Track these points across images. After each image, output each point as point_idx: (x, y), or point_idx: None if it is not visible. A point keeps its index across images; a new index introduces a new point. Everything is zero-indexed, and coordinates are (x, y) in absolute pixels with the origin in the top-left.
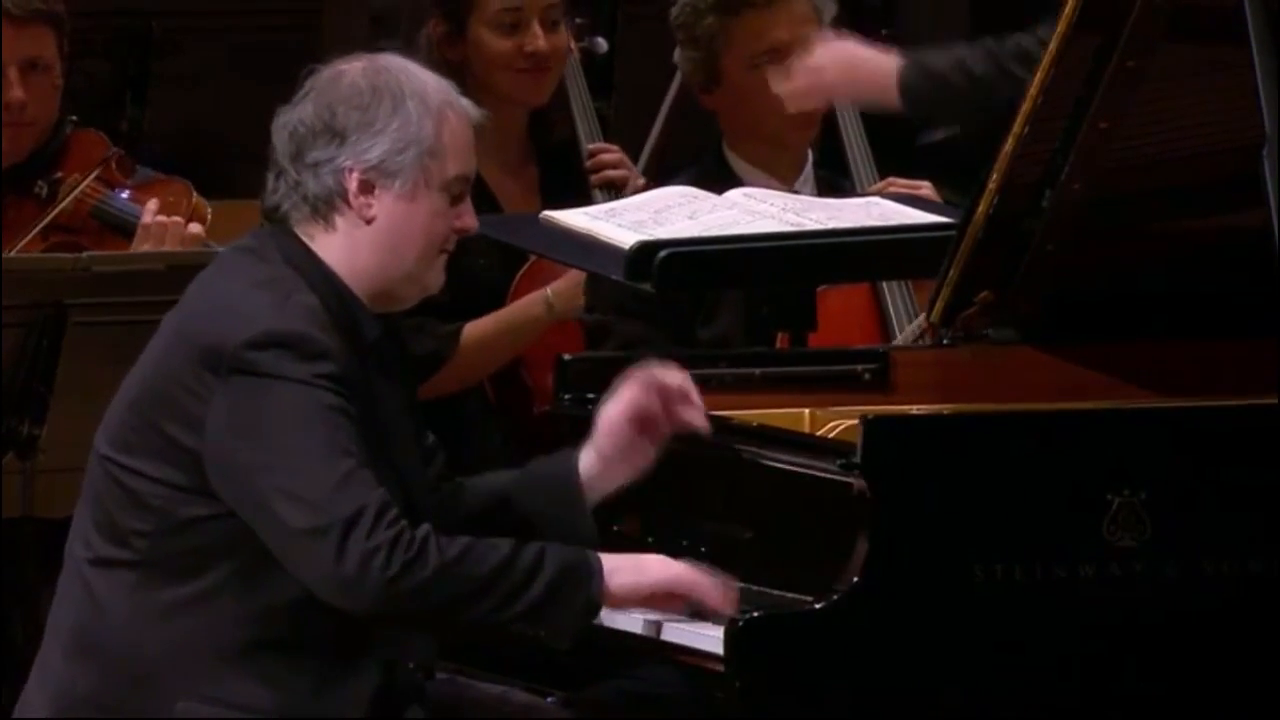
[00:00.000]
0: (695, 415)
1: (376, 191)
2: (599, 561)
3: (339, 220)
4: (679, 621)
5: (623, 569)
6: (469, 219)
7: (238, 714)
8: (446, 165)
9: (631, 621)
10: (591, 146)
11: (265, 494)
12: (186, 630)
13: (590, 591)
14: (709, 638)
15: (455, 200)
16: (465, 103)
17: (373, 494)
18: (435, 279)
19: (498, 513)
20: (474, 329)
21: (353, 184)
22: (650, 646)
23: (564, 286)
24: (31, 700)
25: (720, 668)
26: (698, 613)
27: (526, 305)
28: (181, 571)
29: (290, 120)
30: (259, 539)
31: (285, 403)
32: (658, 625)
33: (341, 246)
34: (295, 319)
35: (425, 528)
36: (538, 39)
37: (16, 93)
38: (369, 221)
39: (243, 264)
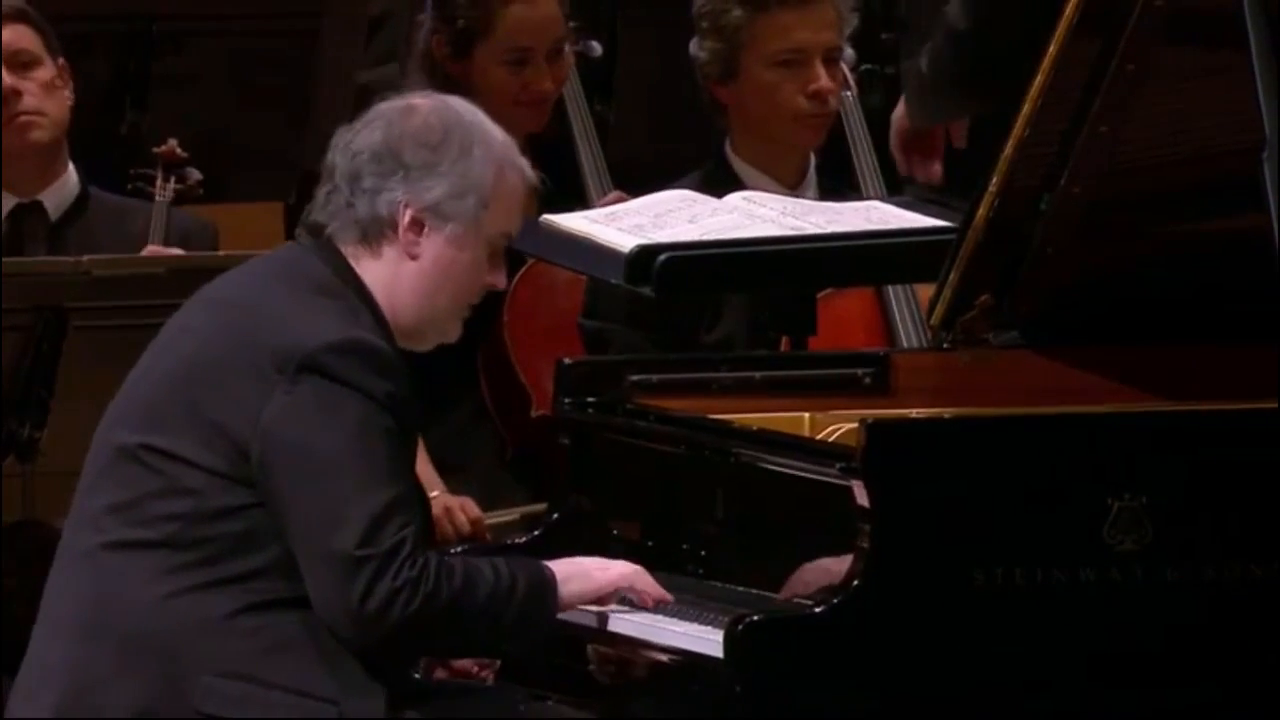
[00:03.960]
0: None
1: (427, 230)
2: (552, 573)
3: (386, 249)
4: (623, 612)
5: (572, 577)
6: (500, 278)
7: (260, 690)
8: (497, 218)
9: (576, 612)
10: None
11: (313, 502)
12: (210, 609)
13: (552, 605)
14: (672, 632)
15: (492, 255)
16: (524, 162)
17: (410, 528)
18: (455, 329)
19: None
20: None
21: (405, 218)
22: (597, 637)
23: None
24: (32, 700)
25: (664, 658)
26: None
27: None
28: (214, 556)
29: (354, 142)
30: None
31: (354, 415)
32: (601, 616)
33: (384, 275)
34: (371, 331)
35: (435, 558)
36: (544, 78)
37: (6, 80)
38: (414, 258)
39: (298, 272)
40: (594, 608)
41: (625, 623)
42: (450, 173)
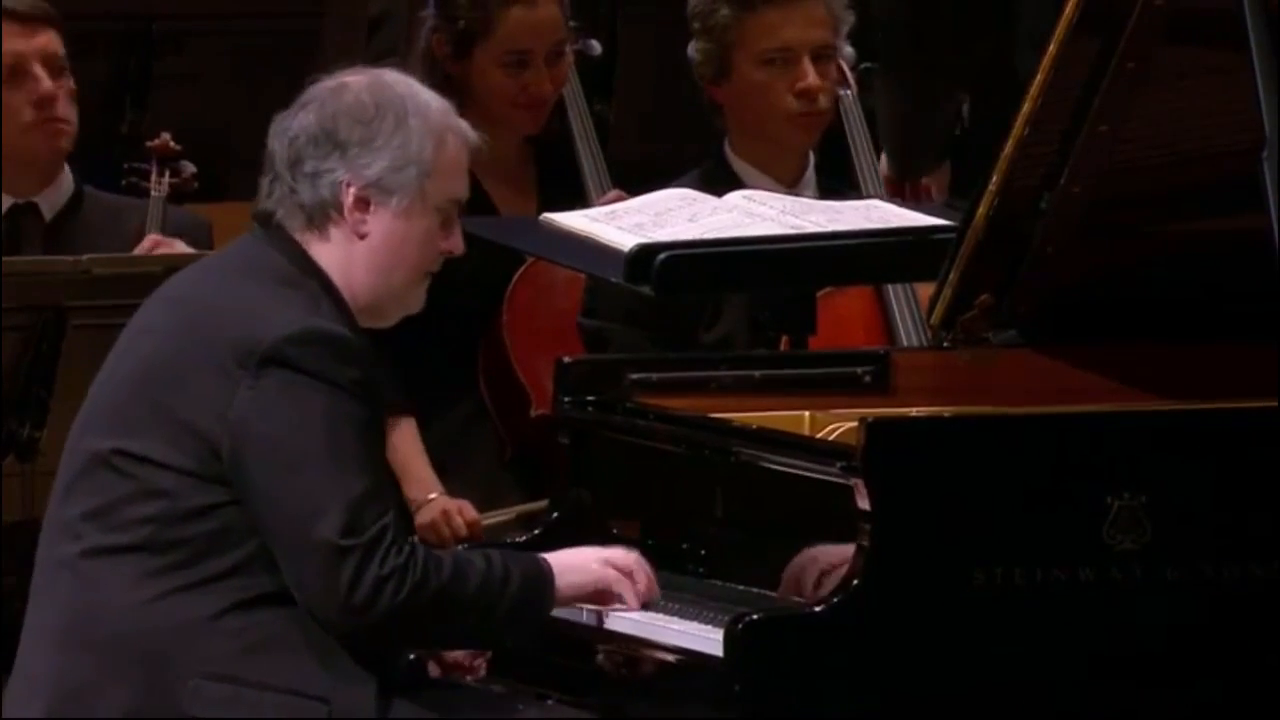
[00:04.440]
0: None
1: (372, 208)
2: (549, 565)
3: (334, 231)
4: (637, 615)
5: (569, 569)
6: (457, 242)
7: (250, 691)
8: (442, 187)
9: (573, 611)
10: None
11: (289, 494)
12: (193, 611)
13: (548, 598)
14: (671, 631)
15: (445, 222)
16: (464, 125)
17: (389, 515)
18: (417, 300)
19: None
20: (399, 438)
21: (349, 198)
22: (596, 637)
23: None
24: (21, 711)
25: (664, 657)
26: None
27: (422, 485)
28: (191, 556)
29: (290, 127)
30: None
31: (321, 405)
32: (599, 614)
33: (337, 258)
34: (333, 319)
35: (421, 548)
36: (542, 81)
37: (46, 85)
38: (362, 237)
39: (253, 264)
40: (592, 606)
41: (625, 622)
42: (387, 147)
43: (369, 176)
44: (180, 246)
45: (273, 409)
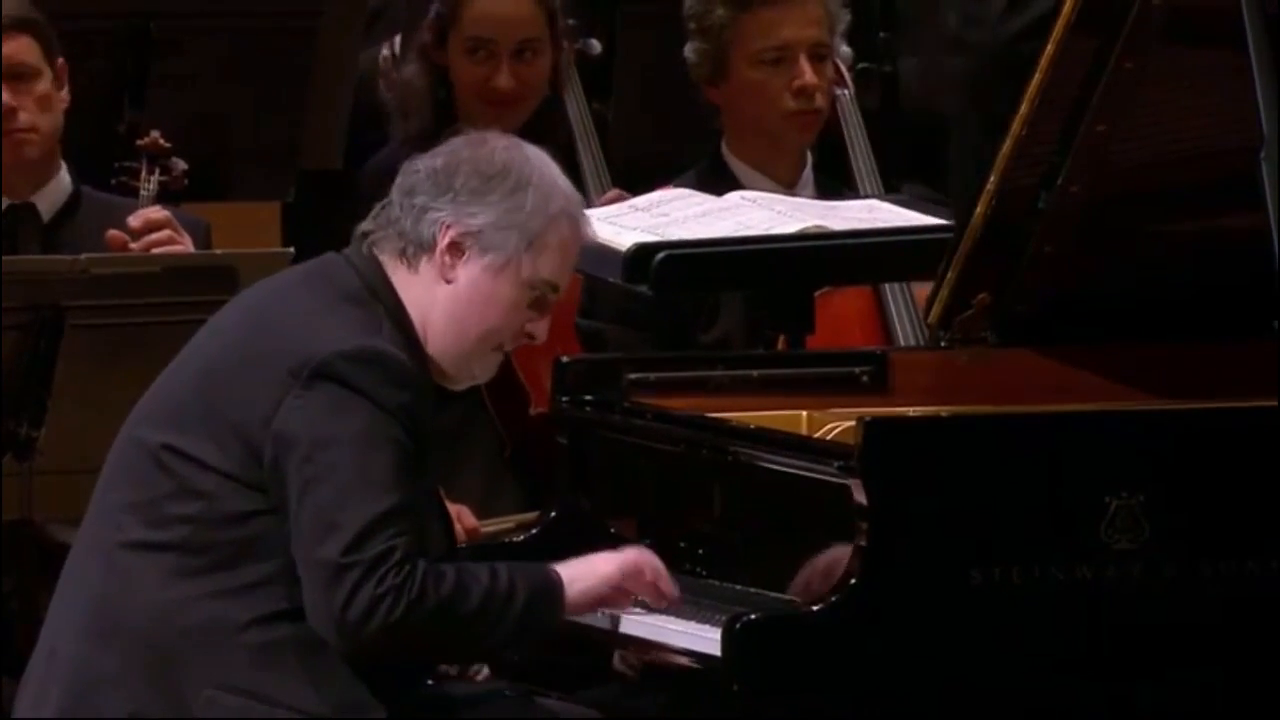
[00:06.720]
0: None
1: (465, 256)
2: (559, 575)
3: (423, 267)
4: (636, 614)
5: (580, 577)
6: (541, 329)
7: (262, 706)
8: (541, 263)
9: (589, 614)
10: None
11: (311, 507)
12: (218, 619)
13: (557, 609)
14: (669, 630)
15: (535, 304)
16: (586, 223)
17: (403, 537)
18: (487, 370)
19: None
20: None
21: (444, 239)
22: (611, 640)
23: None
24: (41, 695)
25: (682, 660)
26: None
27: None
28: (223, 562)
29: (420, 162)
30: None
31: (362, 424)
32: (615, 618)
33: (418, 294)
34: (392, 342)
35: (423, 564)
36: (501, 75)
37: (6, 100)
38: (448, 281)
39: (324, 278)
40: (606, 609)
41: (624, 621)
42: (498, 205)
43: (471, 225)
44: (184, 240)
45: (314, 421)
